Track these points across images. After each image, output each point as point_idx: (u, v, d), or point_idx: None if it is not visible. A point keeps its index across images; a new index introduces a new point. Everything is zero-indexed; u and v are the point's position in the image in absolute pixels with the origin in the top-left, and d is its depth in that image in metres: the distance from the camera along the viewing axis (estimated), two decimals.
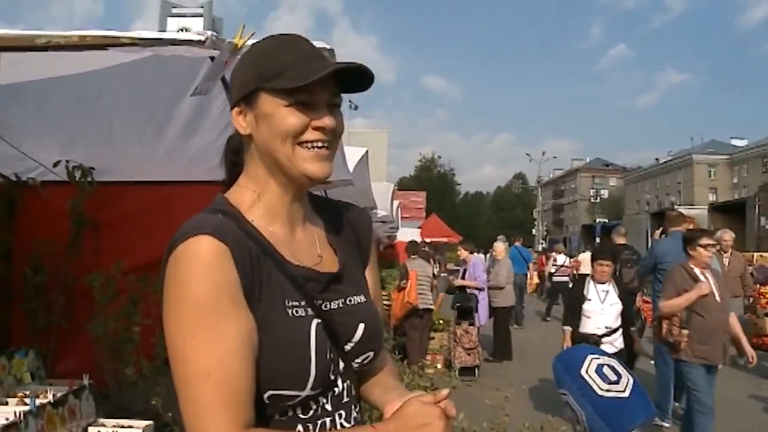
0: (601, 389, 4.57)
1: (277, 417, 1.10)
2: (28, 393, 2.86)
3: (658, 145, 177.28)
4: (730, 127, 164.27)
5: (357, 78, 1.14)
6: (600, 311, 5.52)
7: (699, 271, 4.99)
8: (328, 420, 1.14)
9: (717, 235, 7.12)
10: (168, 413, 2.90)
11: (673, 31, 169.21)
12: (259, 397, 1.05)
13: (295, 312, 1.10)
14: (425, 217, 33.05)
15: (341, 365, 1.17)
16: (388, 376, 1.32)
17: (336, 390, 1.16)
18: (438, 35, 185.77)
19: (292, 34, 1.18)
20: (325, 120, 1.12)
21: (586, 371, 4.70)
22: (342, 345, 1.16)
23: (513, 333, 10.46)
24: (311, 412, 1.13)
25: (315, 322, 1.11)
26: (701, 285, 4.87)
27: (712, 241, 5.19)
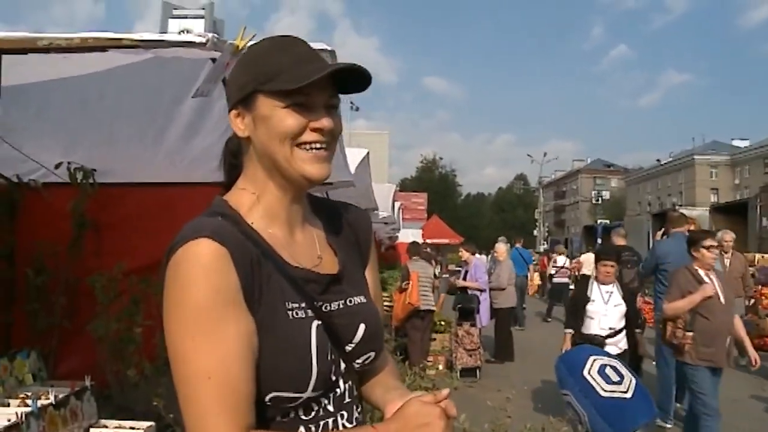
0: (604, 390, 4.57)
1: (279, 418, 1.10)
2: (29, 394, 2.86)
3: (660, 145, 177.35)
4: (732, 127, 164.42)
5: (354, 79, 1.14)
6: (603, 312, 5.46)
7: (703, 273, 4.94)
8: (330, 421, 1.14)
9: (718, 236, 7.09)
10: (170, 414, 2.90)
11: (675, 32, 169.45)
12: (260, 399, 1.05)
13: (295, 314, 1.10)
14: (427, 219, 33.03)
15: (342, 366, 1.17)
16: (389, 376, 1.32)
17: (338, 391, 1.16)
18: (439, 36, 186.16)
19: (289, 36, 1.18)
20: (323, 121, 1.12)
21: (589, 372, 4.69)
22: (343, 346, 1.17)
23: (514, 334, 10.45)
24: (313, 414, 1.13)
25: (315, 324, 1.11)
26: (705, 287, 4.83)
27: (716, 243, 5.15)
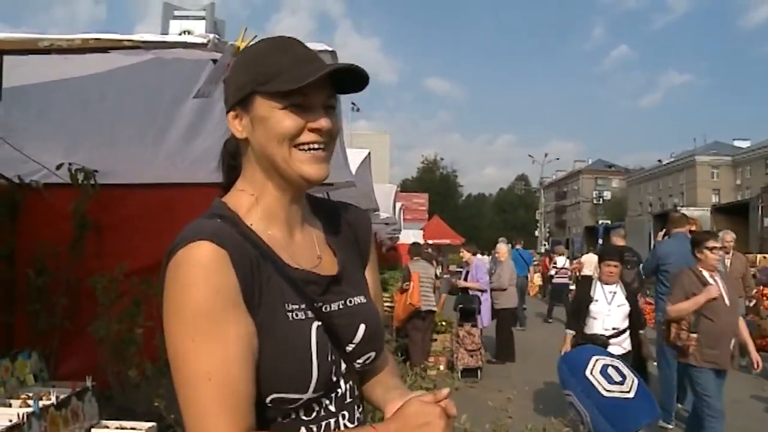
0: (606, 390, 4.55)
1: (280, 419, 1.10)
2: (31, 395, 2.86)
3: (661, 146, 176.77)
4: (733, 128, 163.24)
5: (352, 79, 1.14)
6: (607, 312, 5.41)
7: (708, 275, 4.91)
8: (332, 421, 1.15)
9: (718, 236, 7.09)
10: (171, 415, 2.90)
11: (676, 32, 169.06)
12: (261, 401, 1.05)
13: (295, 315, 1.10)
14: (428, 219, 33.08)
15: (343, 366, 1.17)
16: (390, 376, 1.32)
17: (339, 391, 1.16)
18: (440, 37, 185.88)
19: (286, 37, 1.18)
20: (321, 122, 1.12)
21: (591, 372, 4.67)
22: (343, 346, 1.17)
23: (515, 335, 10.44)
24: (314, 414, 1.13)
25: (315, 325, 1.11)
26: (710, 288, 4.79)
27: (719, 245, 5.09)
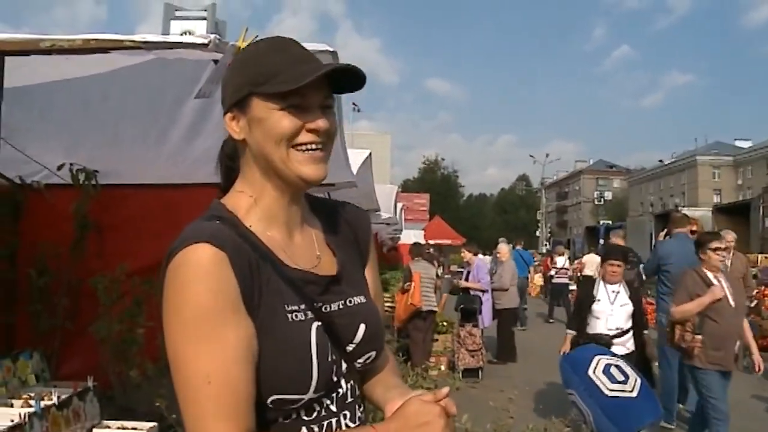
0: (609, 389, 4.53)
1: (281, 420, 1.10)
2: (32, 395, 2.86)
3: (662, 146, 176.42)
4: (735, 128, 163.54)
5: (349, 78, 1.14)
6: (609, 312, 5.37)
7: (712, 276, 4.86)
8: (333, 421, 1.15)
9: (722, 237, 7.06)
10: (172, 415, 2.90)
11: (677, 32, 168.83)
12: (261, 401, 1.05)
13: (295, 316, 1.10)
14: (429, 219, 33.11)
15: (344, 366, 1.17)
16: (390, 375, 1.32)
17: (340, 391, 1.16)
18: (441, 37, 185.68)
19: (283, 37, 1.18)
20: (319, 122, 1.12)
21: (594, 371, 4.65)
22: (344, 346, 1.17)
23: (517, 335, 10.43)
24: (315, 414, 1.13)
25: (315, 325, 1.11)
26: (714, 289, 4.76)
27: (723, 245, 5.04)
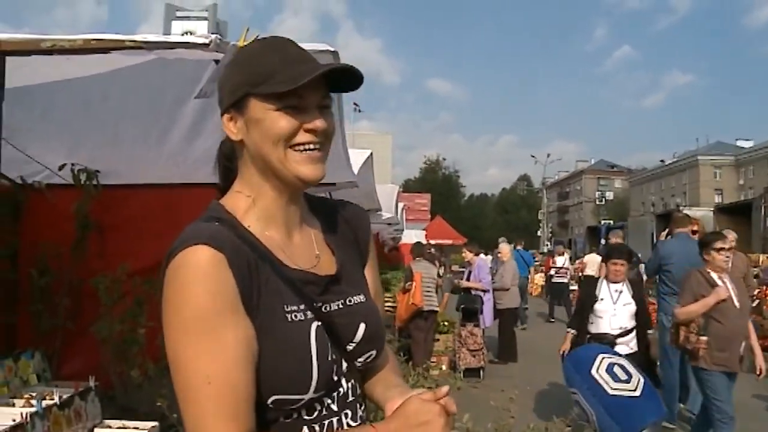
0: (612, 388, 4.51)
1: (282, 419, 1.10)
2: (34, 394, 2.87)
3: (663, 146, 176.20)
4: (736, 128, 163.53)
5: (346, 78, 1.14)
6: (612, 311, 5.35)
7: (716, 276, 4.82)
8: (334, 420, 1.15)
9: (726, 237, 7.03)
10: (173, 414, 2.90)
11: (678, 32, 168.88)
12: (262, 402, 1.06)
13: (294, 316, 1.10)
14: (430, 219, 33.08)
15: (344, 365, 1.17)
16: (391, 373, 1.32)
17: (341, 390, 1.16)
18: (442, 38, 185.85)
19: (279, 37, 1.18)
20: (316, 122, 1.12)
21: (597, 370, 4.62)
22: (344, 346, 1.17)
23: (518, 334, 10.43)
24: (316, 414, 1.13)
25: (315, 325, 1.11)
26: (719, 290, 4.71)
27: (727, 246, 4.99)
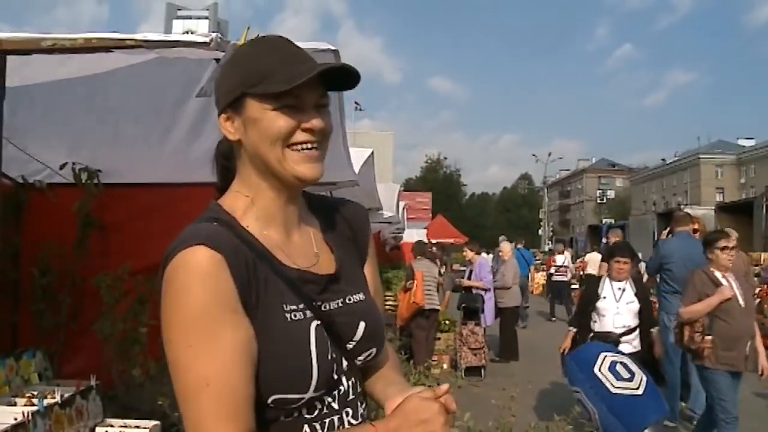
0: (614, 387, 4.50)
1: (283, 418, 1.10)
2: (35, 393, 2.87)
3: (665, 145, 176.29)
4: (737, 127, 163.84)
5: (343, 77, 1.14)
6: (615, 309, 5.32)
7: (720, 275, 4.79)
8: (335, 418, 1.15)
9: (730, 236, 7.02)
10: (175, 413, 2.91)
11: (680, 31, 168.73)
12: (262, 401, 1.06)
13: (293, 316, 1.10)
14: (431, 218, 33.01)
15: (344, 364, 1.17)
16: (391, 371, 1.32)
17: (341, 389, 1.17)
18: (443, 37, 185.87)
19: (276, 36, 1.17)
20: (314, 122, 1.12)
21: (600, 369, 4.61)
22: (344, 344, 1.17)
23: (519, 333, 10.43)
24: (317, 412, 1.13)
25: (314, 324, 1.11)
26: (723, 289, 4.69)
27: (731, 244, 4.93)
